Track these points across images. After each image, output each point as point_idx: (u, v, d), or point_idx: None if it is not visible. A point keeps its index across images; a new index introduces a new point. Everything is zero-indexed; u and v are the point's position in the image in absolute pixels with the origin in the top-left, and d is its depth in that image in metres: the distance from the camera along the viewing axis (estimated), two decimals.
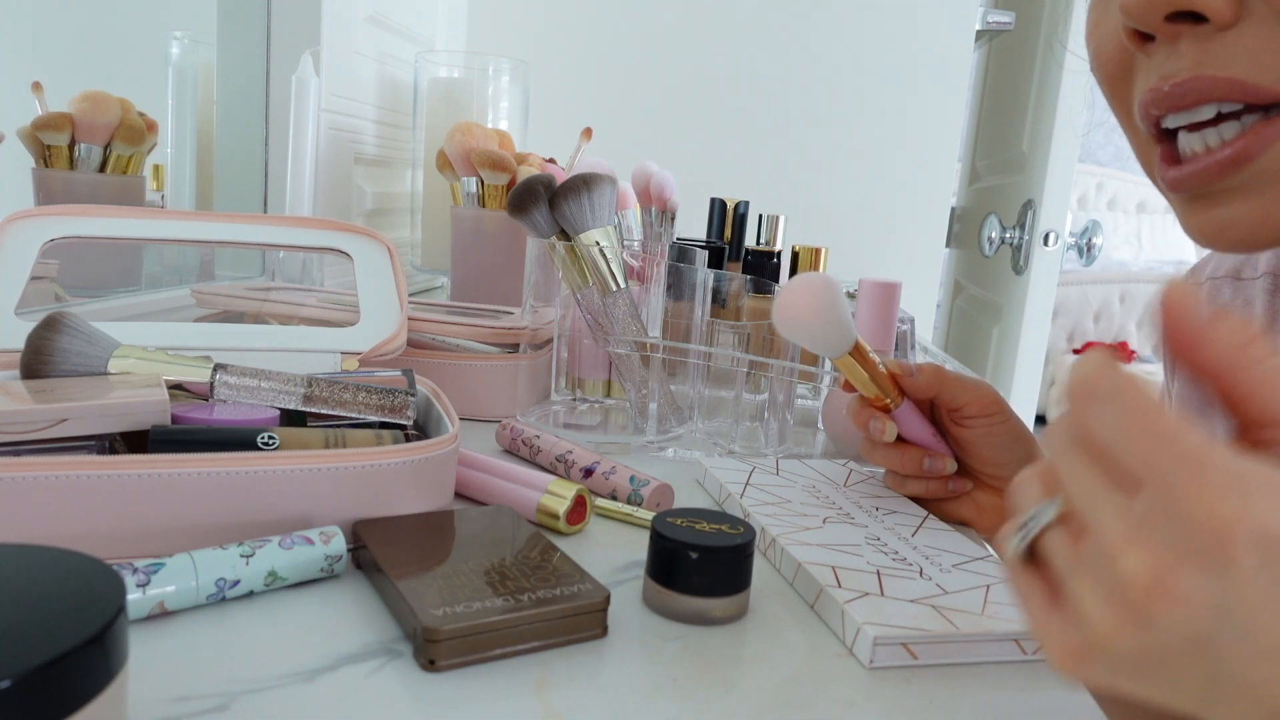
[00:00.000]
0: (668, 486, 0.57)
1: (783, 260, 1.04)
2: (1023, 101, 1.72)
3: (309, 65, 0.87)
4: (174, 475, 0.41)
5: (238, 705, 0.32)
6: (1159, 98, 0.36)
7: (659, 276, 0.73)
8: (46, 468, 0.39)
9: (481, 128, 1.05)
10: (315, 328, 0.65)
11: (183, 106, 0.96)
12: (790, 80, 1.57)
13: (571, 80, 1.56)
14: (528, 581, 0.40)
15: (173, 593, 0.37)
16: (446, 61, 1.25)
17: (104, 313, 0.78)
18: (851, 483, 0.60)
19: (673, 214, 1.12)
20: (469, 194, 1.03)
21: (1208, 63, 0.34)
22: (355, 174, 1.15)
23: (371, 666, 0.36)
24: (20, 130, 0.74)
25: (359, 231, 0.67)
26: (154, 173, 0.88)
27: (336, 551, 0.42)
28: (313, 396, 0.51)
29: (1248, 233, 0.37)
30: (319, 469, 0.43)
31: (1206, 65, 0.34)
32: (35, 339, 0.49)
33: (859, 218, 1.61)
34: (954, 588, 0.44)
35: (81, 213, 0.61)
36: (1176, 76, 0.35)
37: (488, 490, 0.54)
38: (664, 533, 0.42)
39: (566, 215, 0.68)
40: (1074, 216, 1.68)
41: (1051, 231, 1.59)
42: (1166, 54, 0.36)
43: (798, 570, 0.46)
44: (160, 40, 0.95)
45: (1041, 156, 1.59)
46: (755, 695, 0.36)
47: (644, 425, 0.72)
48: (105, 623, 0.23)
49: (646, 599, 0.43)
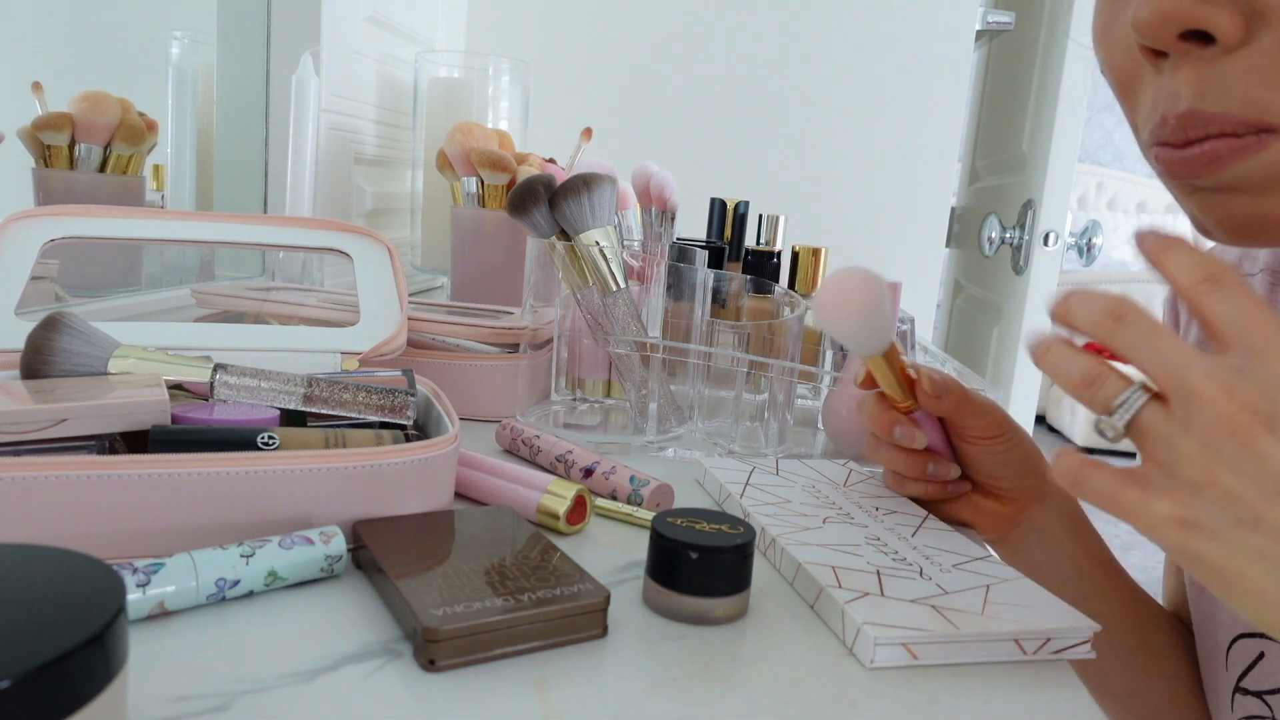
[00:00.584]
0: (668, 486, 0.57)
1: (783, 260, 1.04)
2: (1023, 101, 1.72)
3: (309, 65, 0.87)
4: (174, 475, 0.41)
5: (238, 705, 0.32)
6: (1163, 131, 0.38)
7: (659, 276, 0.73)
8: (46, 468, 0.39)
9: (481, 128, 1.05)
10: (315, 328, 0.65)
11: (183, 106, 0.96)
12: (790, 80, 1.57)
13: (571, 80, 1.56)
14: (528, 581, 0.40)
15: (173, 593, 0.37)
16: (446, 61, 1.25)
17: (104, 313, 0.78)
18: (851, 483, 0.60)
19: (673, 214, 1.12)
20: (469, 194, 1.03)
21: (1205, 94, 0.36)
22: (355, 174, 1.15)
23: (371, 666, 0.36)
24: (20, 130, 0.74)
25: (359, 232, 0.67)
26: (154, 173, 0.88)
27: (336, 551, 0.42)
28: (313, 396, 0.51)
29: (1246, 224, 0.38)
30: (319, 469, 0.43)
31: (1203, 97, 0.36)
32: (35, 339, 0.49)
33: (859, 218, 1.60)
34: (954, 588, 0.44)
35: (81, 213, 0.61)
36: (1176, 108, 0.37)
37: (488, 490, 0.54)
38: (664, 533, 0.42)
39: (566, 215, 0.68)
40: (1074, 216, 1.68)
41: (1051, 231, 1.59)
42: (1173, 72, 0.37)
43: (798, 570, 0.46)
44: (160, 40, 0.95)
45: (1041, 156, 1.59)
46: (755, 695, 0.36)
47: (644, 425, 0.72)
48: (105, 623, 0.23)
49: (646, 599, 0.43)
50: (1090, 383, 0.34)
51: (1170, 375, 0.32)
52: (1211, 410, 0.30)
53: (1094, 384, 0.34)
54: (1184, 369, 0.31)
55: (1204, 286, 0.32)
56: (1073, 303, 0.36)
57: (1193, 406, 0.31)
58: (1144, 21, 0.35)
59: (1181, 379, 0.31)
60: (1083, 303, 0.35)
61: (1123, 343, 0.33)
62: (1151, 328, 0.33)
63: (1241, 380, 0.30)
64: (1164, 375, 0.32)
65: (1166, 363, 0.32)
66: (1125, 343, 0.33)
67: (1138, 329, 0.33)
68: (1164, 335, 0.32)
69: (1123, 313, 0.33)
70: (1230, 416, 0.30)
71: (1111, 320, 0.34)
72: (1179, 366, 0.31)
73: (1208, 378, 0.30)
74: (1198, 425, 0.31)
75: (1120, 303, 0.34)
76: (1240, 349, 0.31)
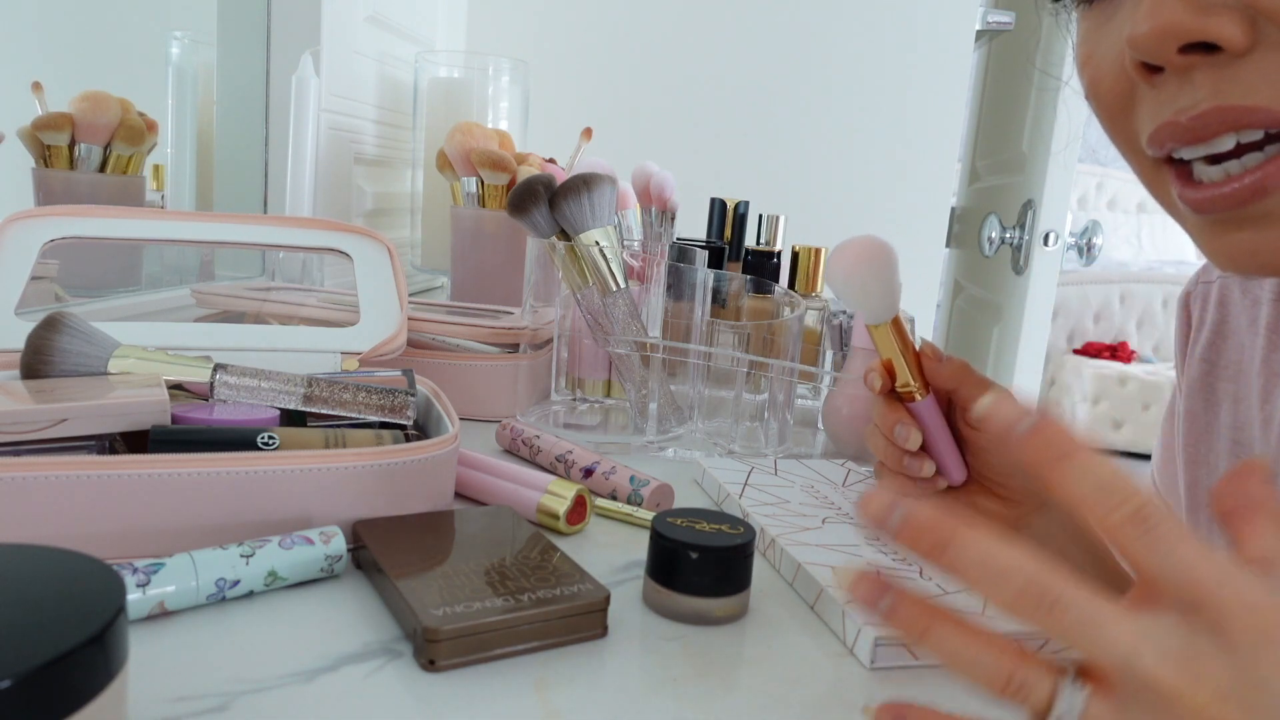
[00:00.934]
0: (668, 486, 0.57)
1: (783, 260, 1.04)
2: (1023, 101, 1.72)
3: (309, 65, 0.87)
4: (174, 475, 0.41)
5: (238, 705, 0.32)
6: (1176, 131, 0.35)
7: (659, 276, 0.73)
8: (46, 468, 0.39)
9: (481, 128, 1.05)
10: (315, 328, 0.65)
11: (183, 106, 0.96)
12: (790, 80, 1.57)
13: (571, 80, 1.56)
14: (528, 581, 0.40)
15: (173, 593, 0.37)
16: (446, 61, 1.25)
17: (104, 313, 0.78)
18: (850, 483, 0.60)
19: (673, 214, 1.12)
20: (469, 194, 1.03)
21: (1227, 92, 0.33)
22: (355, 174, 1.15)
23: (371, 666, 0.36)
24: (20, 130, 0.74)
25: (358, 232, 0.67)
26: (154, 173, 0.88)
27: (336, 551, 0.42)
28: (313, 396, 0.51)
29: (1272, 259, 0.36)
30: (319, 469, 0.43)
31: (1227, 95, 0.33)
32: (35, 339, 0.49)
33: (859, 218, 1.60)
34: (954, 588, 0.44)
35: (81, 213, 0.61)
36: (1195, 109, 0.34)
37: (488, 490, 0.54)
38: (664, 533, 0.42)
39: (566, 215, 0.68)
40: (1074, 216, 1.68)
41: (1051, 231, 1.59)
42: (1178, 85, 0.35)
43: (798, 571, 0.46)
44: (160, 40, 0.95)
45: (1041, 156, 1.59)
46: (755, 695, 0.36)
47: (644, 425, 0.72)
48: (105, 623, 0.23)
49: (646, 599, 0.43)
50: (1011, 687, 0.27)
51: (1114, 661, 0.25)
52: (1180, 708, 0.24)
53: (1019, 689, 0.27)
54: (1130, 651, 0.25)
55: (1131, 529, 0.26)
56: (983, 576, 0.27)
57: (1154, 704, 0.25)
58: (1143, 36, 0.33)
59: (1128, 664, 0.25)
60: (995, 580, 0.27)
61: (1056, 629, 0.26)
62: (1083, 603, 0.26)
63: (1203, 658, 0.24)
64: (1107, 662, 0.25)
65: (1108, 647, 0.25)
66: (1060, 629, 0.26)
67: (1077, 611, 0.26)
68: (1099, 610, 0.26)
69: (1050, 600, 0.26)
70: (1202, 712, 0.24)
71: (1037, 608, 0.26)
72: (1123, 649, 0.25)
73: (1162, 659, 0.25)
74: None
75: (1039, 582, 0.26)
76: (1183, 606, 0.25)
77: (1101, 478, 0.27)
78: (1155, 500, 0.26)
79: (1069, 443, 0.27)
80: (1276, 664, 0.24)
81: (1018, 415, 0.27)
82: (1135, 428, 3.84)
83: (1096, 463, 0.27)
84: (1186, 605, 0.25)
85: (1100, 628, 0.26)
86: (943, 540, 0.27)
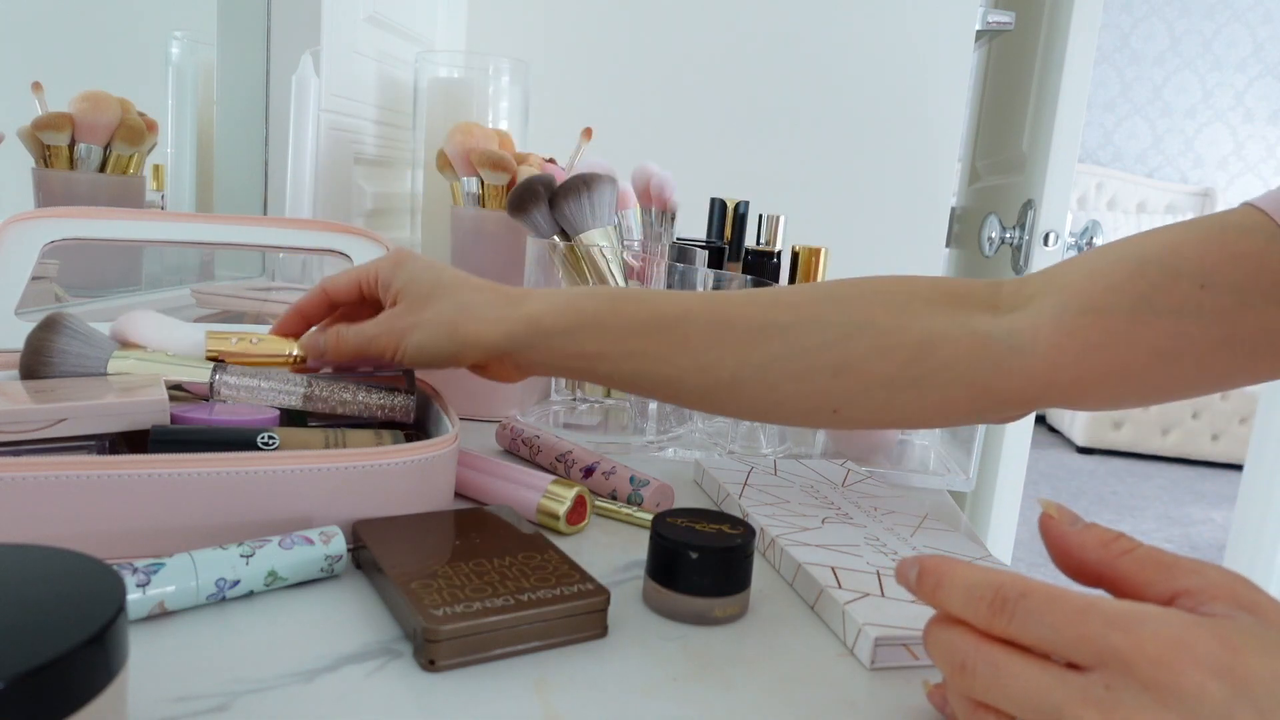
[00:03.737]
0: (668, 486, 0.57)
1: (783, 260, 1.04)
2: (1023, 101, 1.72)
3: (309, 65, 0.87)
4: (174, 475, 0.41)
5: (238, 705, 0.32)
6: None
7: (659, 276, 0.73)
8: (46, 468, 0.39)
9: (481, 128, 1.05)
10: None
11: (183, 106, 0.96)
12: (790, 80, 1.57)
13: (571, 80, 1.56)
14: (528, 581, 0.40)
15: (173, 593, 0.37)
16: (446, 61, 1.25)
17: (104, 313, 0.78)
18: (850, 483, 0.60)
19: (673, 214, 1.12)
20: (469, 194, 1.03)
21: None
22: (355, 174, 1.15)
23: (371, 666, 0.36)
24: (20, 130, 0.74)
25: (358, 233, 0.67)
26: (154, 173, 0.88)
27: (336, 551, 0.42)
28: (313, 396, 0.51)
29: None
30: (319, 469, 0.43)
31: None
32: (34, 340, 0.49)
33: (859, 218, 1.60)
34: None
35: (82, 214, 0.61)
36: None
37: (488, 490, 0.54)
38: (664, 533, 0.42)
39: (566, 215, 0.68)
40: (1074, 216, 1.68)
41: (1051, 231, 1.59)
42: None
43: (798, 570, 0.46)
44: (160, 40, 0.95)
45: (1041, 156, 1.59)
46: (755, 695, 0.36)
47: (644, 425, 0.72)
48: (105, 623, 0.23)
49: (646, 599, 0.43)
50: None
51: (1041, 714, 0.27)
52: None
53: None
54: (1054, 706, 0.27)
55: (1000, 618, 0.28)
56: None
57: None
58: None
59: (1055, 716, 0.27)
60: None
61: (977, 688, 0.29)
62: (1004, 663, 0.28)
63: (1122, 705, 0.26)
64: (1034, 715, 0.27)
65: (1033, 699, 0.27)
66: (980, 687, 0.28)
67: (991, 670, 0.28)
68: (1019, 666, 0.28)
69: (968, 665, 0.29)
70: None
71: (958, 675, 0.29)
72: (1047, 704, 0.27)
73: (1083, 705, 0.26)
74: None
75: (961, 662, 0.29)
76: (1089, 662, 0.27)
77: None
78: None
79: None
80: (1196, 683, 0.25)
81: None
82: (1135, 427, 3.84)
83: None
84: (1091, 661, 0.27)
85: (1016, 677, 0.28)
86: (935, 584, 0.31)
